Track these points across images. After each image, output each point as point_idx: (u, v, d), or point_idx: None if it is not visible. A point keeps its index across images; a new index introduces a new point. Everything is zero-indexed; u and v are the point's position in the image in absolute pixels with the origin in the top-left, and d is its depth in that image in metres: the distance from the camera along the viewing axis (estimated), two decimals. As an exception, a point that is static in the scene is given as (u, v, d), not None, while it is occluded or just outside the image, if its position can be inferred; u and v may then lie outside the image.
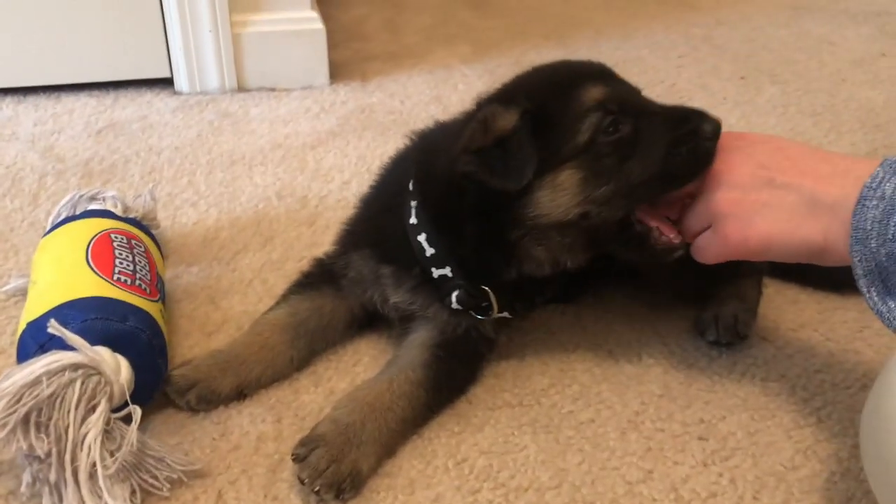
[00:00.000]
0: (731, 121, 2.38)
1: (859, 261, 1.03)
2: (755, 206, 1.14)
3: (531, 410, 1.34)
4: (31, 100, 2.42)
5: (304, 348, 1.39)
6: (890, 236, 0.99)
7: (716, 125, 1.20)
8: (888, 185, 1.01)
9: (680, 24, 3.18)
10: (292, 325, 1.39)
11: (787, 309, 1.57)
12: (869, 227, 1.01)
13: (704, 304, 1.50)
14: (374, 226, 1.45)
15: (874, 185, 1.02)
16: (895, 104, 2.48)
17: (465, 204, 1.27)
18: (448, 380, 1.32)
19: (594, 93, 1.22)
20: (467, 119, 1.28)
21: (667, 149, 1.20)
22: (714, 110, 2.44)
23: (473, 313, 1.34)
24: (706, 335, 1.45)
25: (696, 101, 2.50)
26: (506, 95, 1.28)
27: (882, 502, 0.99)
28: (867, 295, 1.04)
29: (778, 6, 3.37)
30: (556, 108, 1.23)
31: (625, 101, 1.24)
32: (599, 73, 1.29)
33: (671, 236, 1.25)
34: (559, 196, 1.22)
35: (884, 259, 1.00)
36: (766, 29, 3.13)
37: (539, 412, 1.33)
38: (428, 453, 1.25)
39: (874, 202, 1.02)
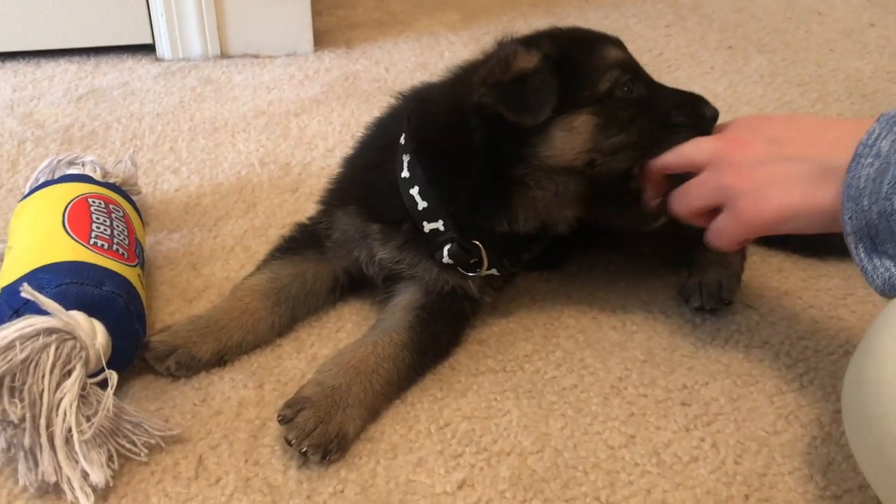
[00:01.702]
0: (718, 90, 2.36)
1: (849, 218, 1.02)
2: (767, 179, 1.12)
3: (514, 376, 1.33)
4: (10, 65, 2.39)
5: (285, 314, 1.38)
6: (884, 194, 0.98)
7: (714, 111, 1.29)
8: (884, 141, 0.99)
9: (669, -7, 3.15)
10: (273, 290, 1.38)
11: (771, 276, 1.56)
12: (862, 185, 1.00)
13: (688, 270, 1.49)
14: (360, 182, 1.43)
15: (870, 143, 1.01)
16: (883, 74, 2.47)
17: (470, 141, 1.27)
18: (432, 341, 1.31)
19: (615, 53, 1.29)
20: (487, 57, 1.32)
21: (672, 110, 1.28)
22: (701, 79, 2.45)
23: (462, 270, 1.33)
24: (690, 301, 1.45)
25: (684, 70, 2.49)
26: (529, 40, 1.30)
27: (863, 465, 0.99)
28: (854, 251, 1.03)
29: (767, -25, 3.35)
30: (579, 58, 1.28)
31: (639, 70, 1.31)
32: (619, 42, 1.34)
33: (657, 202, 1.29)
34: (573, 138, 1.24)
35: (875, 217, 0.99)
36: (754, -2, 3.11)
37: (522, 378, 1.33)
38: (410, 418, 1.25)
39: (869, 160, 1.00)
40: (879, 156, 0.99)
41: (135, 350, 1.26)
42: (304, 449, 1.13)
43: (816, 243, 1.55)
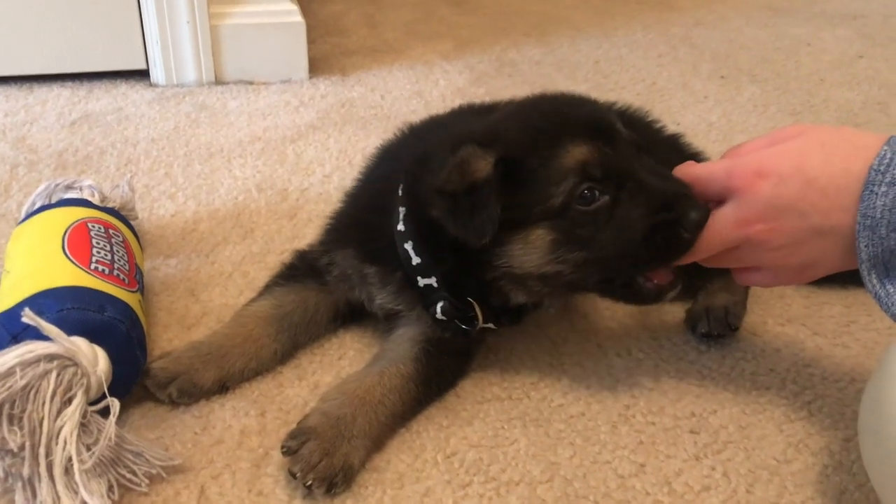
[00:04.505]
0: (712, 119, 2.38)
1: (865, 246, 1.02)
2: (812, 256, 1.11)
3: (521, 404, 1.31)
4: (2, 90, 2.37)
5: (287, 342, 1.36)
6: None
7: (701, 215, 1.14)
8: None
9: (659, 24, 3.18)
10: (277, 317, 1.36)
11: (774, 304, 1.56)
12: (879, 216, 1.00)
13: (693, 297, 1.49)
14: (360, 224, 1.41)
15: (882, 169, 1.00)
16: (873, 105, 2.50)
17: (444, 234, 1.21)
18: (438, 375, 1.29)
19: (577, 153, 1.16)
20: (450, 146, 1.19)
21: (643, 233, 1.15)
22: (695, 108, 2.46)
23: (458, 322, 1.31)
24: (697, 328, 1.44)
25: (677, 100, 2.51)
26: (489, 135, 1.20)
27: (881, 490, 0.98)
28: (867, 278, 1.02)
29: (755, 7, 3.40)
30: (534, 162, 1.16)
31: (610, 166, 1.16)
32: (593, 126, 1.19)
33: (656, 281, 1.20)
34: (530, 252, 1.19)
35: (893, 244, 0.99)
36: (744, 30, 3.15)
37: (529, 405, 1.31)
38: (416, 447, 1.22)
39: (883, 188, 1.00)
40: (894, 184, 0.99)
41: (136, 377, 1.23)
42: (309, 482, 1.11)
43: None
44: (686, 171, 1.21)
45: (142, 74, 2.47)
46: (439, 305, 1.28)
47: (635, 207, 1.15)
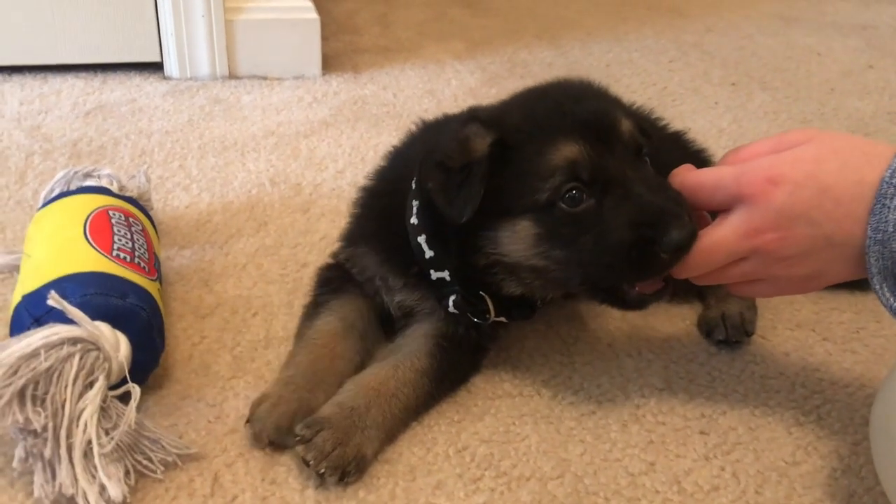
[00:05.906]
0: (723, 125, 2.39)
1: (876, 260, 1.02)
2: (820, 266, 1.10)
3: (531, 401, 1.32)
4: (17, 79, 2.37)
5: (364, 352, 1.34)
6: None
7: (685, 236, 1.10)
8: None
9: (670, 30, 3.19)
10: (348, 330, 1.33)
11: (783, 309, 1.57)
12: (891, 230, 0.99)
13: (703, 301, 1.50)
14: (376, 221, 1.40)
15: (894, 181, 1.00)
16: (884, 115, 2.51)
17: (442, 217, 1.21)
18: (451, 370, 1.30)
19: (567, 152, 1.13)
20: (460, 122, 1.21)
21: (619, 246, 1.12)
22: (706, 114, 2.47)
23: (470, 315, 1.31)
24: (714, 334, 1.44)
25: (689, 105, 2.52)
26: (493, 116, 1.21)
27: (892, 495, 0.99)
28: (879, 291, 1.03)
29: (766, 16, 3.41)
30: (528, 152, 1.16)
31: (600, 169, 1.14)
32: (591, 125, 1.16)
33: (639, 289, 1.18)
34: (517, 242, 1.18)
35: None
36: (754, 38, 3.16)
37: (540, 403, 1.32)
38: (428, 440, 1.24)
39: (895, 201, 1.00)
40: None
41: (153, 364, 1.24)
42: (322, 470, 1.12)
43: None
44: (691, 177, 1.17)
45: (156, 67, 2.48)
46: (451, 299, 1.29)
47: (616, 217, 1.13)
